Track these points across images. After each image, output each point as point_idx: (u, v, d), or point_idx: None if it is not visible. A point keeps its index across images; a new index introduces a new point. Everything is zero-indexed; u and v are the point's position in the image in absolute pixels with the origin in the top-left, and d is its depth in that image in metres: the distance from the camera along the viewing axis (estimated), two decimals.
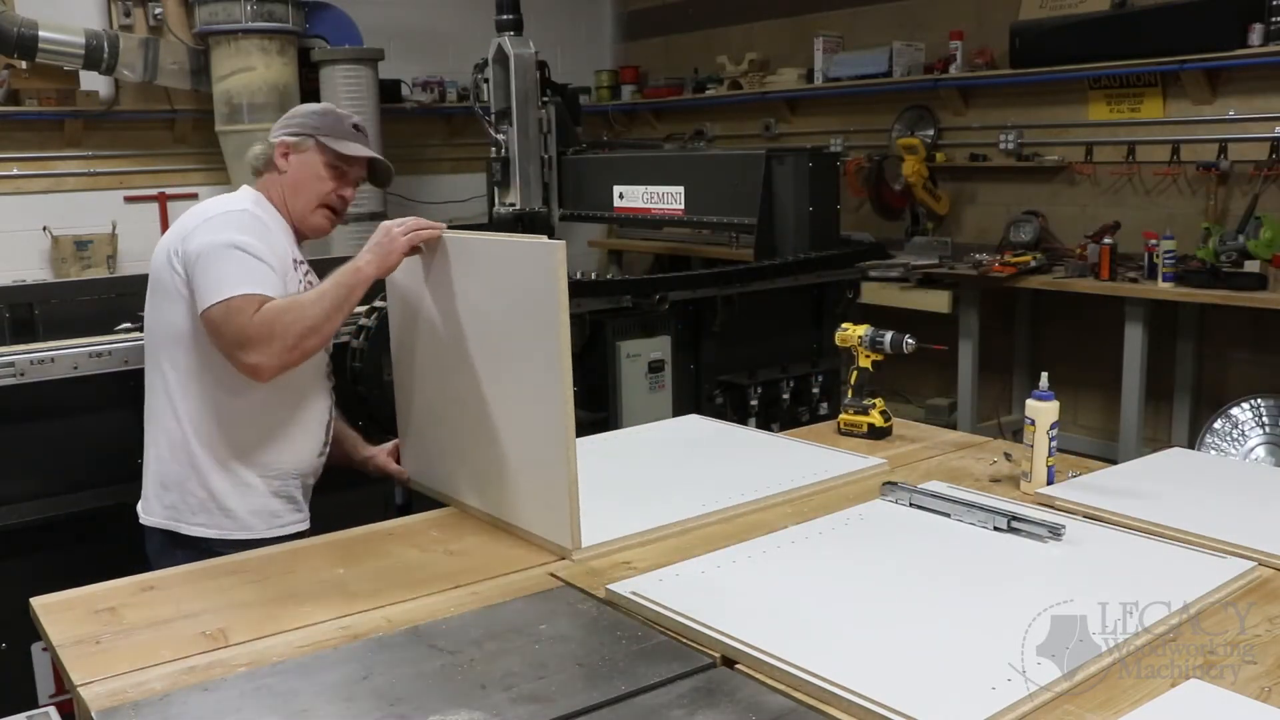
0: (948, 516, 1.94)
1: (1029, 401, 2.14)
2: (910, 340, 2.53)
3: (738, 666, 1.44)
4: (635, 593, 1.64)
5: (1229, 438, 4.87)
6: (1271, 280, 4.50)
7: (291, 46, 6.15)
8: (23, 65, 5.85)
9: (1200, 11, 4.84)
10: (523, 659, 1.46)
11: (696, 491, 2.11)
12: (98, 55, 5.88)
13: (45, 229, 6.08)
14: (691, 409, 3.36)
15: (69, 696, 1.50)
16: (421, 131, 7.17)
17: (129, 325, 3.05)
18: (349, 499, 2.51)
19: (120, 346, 2.75)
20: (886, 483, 2.08)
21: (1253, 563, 1.71)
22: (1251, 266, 4.58)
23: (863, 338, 2.59)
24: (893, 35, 6.23)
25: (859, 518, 1.98)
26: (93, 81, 6.14)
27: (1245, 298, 4.59)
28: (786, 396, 3.84)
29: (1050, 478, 2.11)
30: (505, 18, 4.73)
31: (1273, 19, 4.65)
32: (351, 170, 2.30)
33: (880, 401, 2.60)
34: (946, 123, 6.18)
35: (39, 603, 1.70)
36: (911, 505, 2.00)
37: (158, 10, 6.17)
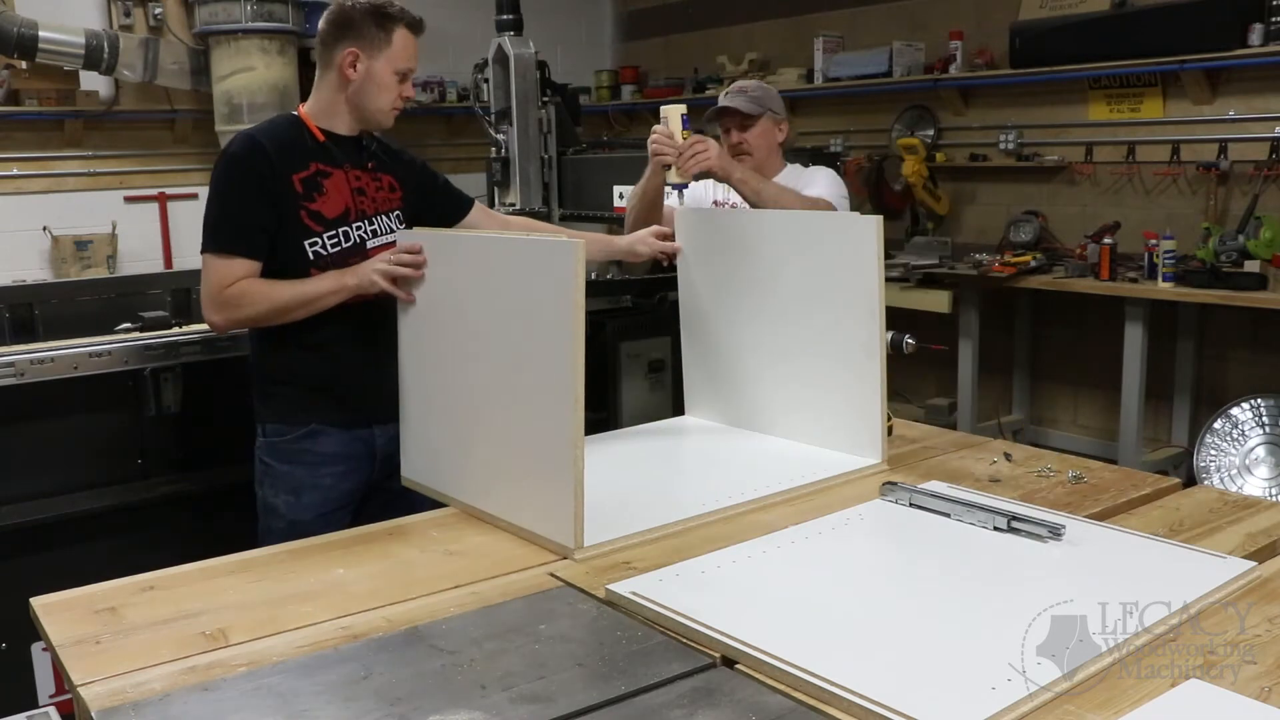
0: (948, 516, 1.94)
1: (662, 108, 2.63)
2: (910, 340, 2.53)
3: (738, 666, 1.44)
4: (635, 593, 1.64)
5: (1229, 438, 4.87)
6: (1271, 280, 4.49)
7: (291, 46, 6.15)
8: (23, 65, 5.84)
9: (1200, 11, 4.83)
10: (523, 659, 1.46)
11: (696, 491, 2.11)
12: (98, 55, 5.87)
13: (45, 229, 6.08)
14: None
15: (69, 696, 1.50)
16: (421, 131, 7.16)
17: (129, 325, 3.05)
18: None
19: (120, 346, 2.76)
20: (886, 483, 2.08)
21: (1253, 562, 1.71)
22: (1251, 266, 4.57)
23: None
24: (893, 35, 6.23)
25: (859, 518, 1.98)
26: (93, 81, 6.14)
27: (1245, 298, 4.58)
28: None
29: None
30: (505, 18, 4.73)
31: (1273, 19, 4.65)
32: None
33: None
34: (946, 123, 6.17)
35: (39, 603, 1.70)
36: (911, 505, 2.00)
37: (158, 10, 6.17)
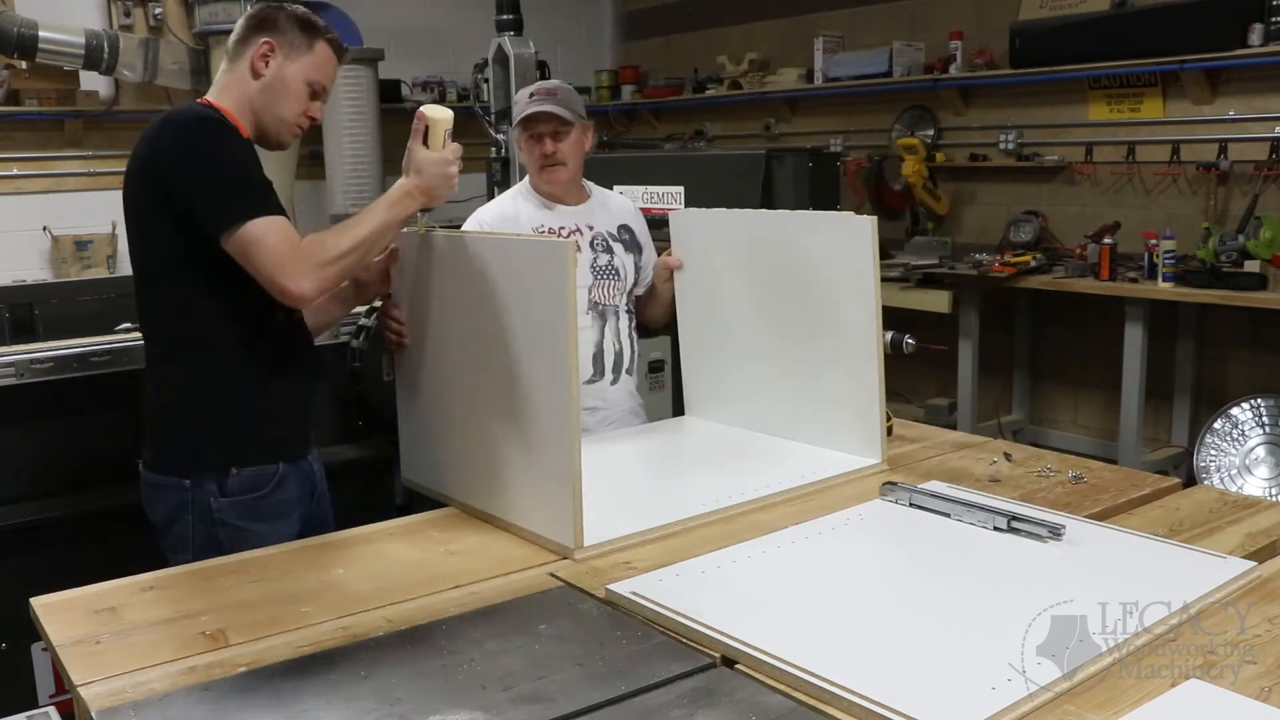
0: (947, 517, 1.94)
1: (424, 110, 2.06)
2: (910, 340, 2.53)
3: (738, 666, 1.44)
4: (635, 593, 1.64)
5: (1229, 438, 4.87)
6: (1271, 280, 4.49)
7: None
8: (23, 65, 5.85)
9: (1200, 11, 4.84)
10: (523, 659, 1.46)
11: (696, 491, 2.11)
12: (98, 55, 5.87)
13: (45, 229, 6.08)
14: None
15: (69, 696, 1.49)
16: None
17: (129, 325, 3.04)
18: (349, 499, 2.51)
19: (120, 346, 2.75)
20: (886, 483, 2.08)
21: (1253, 562, 1.71)
22: (1251, 266, 4.57)
23: None
24: (893, 35, 6.23)
25: (859, 518, 1.98)
26: (93, 81, 6.14)
27: (1245, 298, 4.58)
28: None
29: None
30: (505, 18, 4.73)
31: (1273, 19, 4.65)
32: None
33: None
34: (946, 123, 6.17)
35: (39, 603, 1.70)
36: (911, 505, 2.00)
37: (158, 10, 6.18)
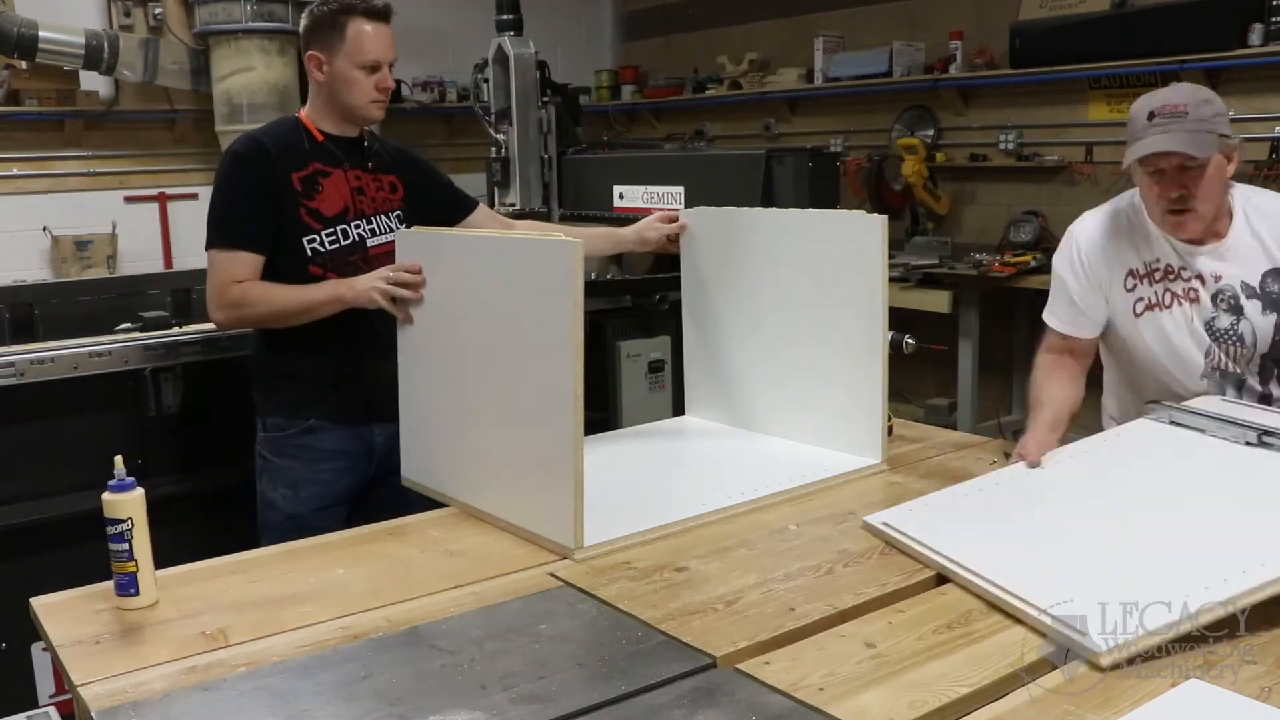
0: (1203, 433, 1.98)
1: (106, 497, 1.60)
2: (910, 340, 2.52)
3: (737, 668, 1.44)
4: (887, 524, 1.85)
5: None
6: None
7: (291, 46, 6.13)
8: (23, 65, 5.84)
9: (1200, 11, 4.83)
10: (523, 659, 1.46)
11: (696, 491, 2.11)
12: (98, 55, 5.87)
13: (45, 229, 6.08)
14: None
15: (69, 696, 1.50)
16: (421, 131, 7.16)
17: (129, 325, 3.04)
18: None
19: (120, 346, 2.75)
20: (1149, 402, 2.15)
21: None
22: None
23: None
24: (893, 35, 6.23)
25: (1115, 436, 2.13)
26: (93, 81, 6.14)
27: None
28: None
29: None
30: (505, 18, 4.72)
31: (1273, 19, 4.65)
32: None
33: None
34: (946, 123, 6.17)
35: (39, 603, 1.70)
36: (1172, 423, 2.05)
37: (158, 10, 6.17)
